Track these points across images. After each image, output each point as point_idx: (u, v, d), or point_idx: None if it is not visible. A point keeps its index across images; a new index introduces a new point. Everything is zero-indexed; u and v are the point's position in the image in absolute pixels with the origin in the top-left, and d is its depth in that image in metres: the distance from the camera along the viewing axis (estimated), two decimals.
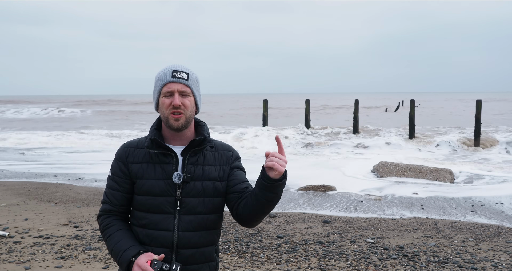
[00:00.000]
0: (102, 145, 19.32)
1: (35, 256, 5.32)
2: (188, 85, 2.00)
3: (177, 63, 2.03)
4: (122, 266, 1.91)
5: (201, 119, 2.15)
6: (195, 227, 1.99)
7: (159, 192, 1.96)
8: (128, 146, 2.08)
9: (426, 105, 58.72)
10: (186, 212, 1.98)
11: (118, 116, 43.42)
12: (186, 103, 1.98)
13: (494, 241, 6.20)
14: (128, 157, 2.04)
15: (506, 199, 9.20)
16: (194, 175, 1.99)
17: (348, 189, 10.18)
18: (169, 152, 1.99)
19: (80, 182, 10.78)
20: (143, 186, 1.98)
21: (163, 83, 1.98)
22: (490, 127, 26.08)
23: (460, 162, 14.51)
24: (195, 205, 1.99)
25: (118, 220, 2.05)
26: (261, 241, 6.07)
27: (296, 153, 17.02)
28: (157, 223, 1.96)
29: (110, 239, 1.99)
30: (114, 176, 2.05)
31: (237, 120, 36.32)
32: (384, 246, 5.91)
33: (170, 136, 2.04)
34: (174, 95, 1.96)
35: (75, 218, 7.21)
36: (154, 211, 1.97)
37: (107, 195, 2.06)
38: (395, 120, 27.19)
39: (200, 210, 2.00)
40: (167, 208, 1.96)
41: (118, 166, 2.05)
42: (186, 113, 1.98)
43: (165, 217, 1.96)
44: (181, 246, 1.96)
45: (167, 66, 2.02)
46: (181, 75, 1.98)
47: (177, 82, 1.97)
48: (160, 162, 1.99)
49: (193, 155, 2.02)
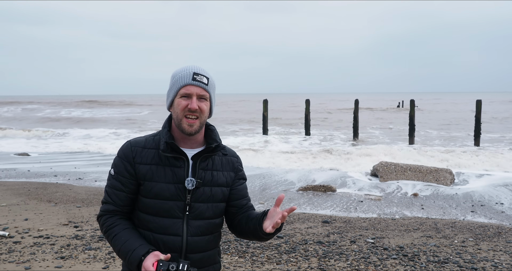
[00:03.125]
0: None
1: (35, 256, 5.32)
2: (207, 90, 1.96)
3: (196, 65, 1.99)
4: (132, 265, 1.85)
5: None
6: (203, 231, 1.99)
7: (169, 196, 1.93)
8: (135, 145, 2.00)
9: (424, 107, 58.69)
10: (195, 217, 1.97)
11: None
12: (203, 107, 1.95)
13: (494, 241, 6.20)
14: (135, 157, 1.96)
15: (506, 199, 9.20)
16: (204, 181, 1.98)
17: (348, 189, 10.19)
18: (181, 156, 1.96)
19: (80, 182, 10.78)
20: (153, 189, 1.93)
21: (182, 84, 1.94)
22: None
23: (460, 162, 14.49)
24: (204, 210, 1.98)
25: (122, 219, 1.99)
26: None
27: (295, 152, 17.01)
28: (166, 228, 1.93)
29: (117, 238, 1.93)
30: (119, 175, 1.97)
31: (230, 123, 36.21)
32: (384, 246, 5.91)
33: (181, 138, 2.00)
34: (192, 98, 1.93)
35: (75, 218, 7.21)
36: (162, 215, 1.94)
37: (110, 195, 1.99)
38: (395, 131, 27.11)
39: (208, 215, 2.00)
40: (176, 213, 1.94)
41: (123, 165, 1.97)
42: (201, 118, 1.96)
43: (174, 222, 1.94)
44: (189, 251, 1.96)
45: (187, 66, 1.98)
46: (202, 79, 1.95)
47: (196, 86, 1.94)
48: (170, 165, 1.95)
49: (204, 160, 2.00)
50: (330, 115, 43.05)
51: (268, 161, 14.52)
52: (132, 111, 53.20)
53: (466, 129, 26.34)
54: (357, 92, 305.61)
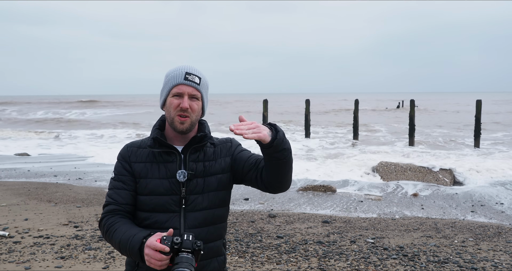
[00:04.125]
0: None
1: (35, 256, 5.32)
2: (199, 90, 1.99)
3: (189, 65, 2.02)
4: (133, 250, 1.80)
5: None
6: (201, 222, 1.99)
7: (163, 191, 1.96)
8: (130, 146, 2.07)
9: (424, 107, 58.67)
10: (191, 209, 1.97)
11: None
12: (194, 107, 1.98)
13: (494, 241, 6.20)
14: (130, 156, 2.03)
15: (506, 199, 9.21)
16: (196, 172, 1.99)
17: (348, 189, 10.19)
18: (172, 150, 1.99)
19: (80, 182, 10.78)
20: (147, 186, 1.96)
21: (174, 84, 1.97)
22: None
23: (460, 162, 14.50)
24: (200, 201, 1.99)
25: (123, 218, 1.96)
26: (261, 241, 6.07)
27: (294, 152, 17.02)
28: (163, 222, 1.94)
29: (117, 232, 1.89)
30: (119, 175, 2.01)
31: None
32: (384, 246, 5.91)
33: (174, 137, 2.04)
34: (183, 97, 1.96)
35: (75, 218, 7.21)
36: (158, 210, 1.95)
37: (111, 196, 1.99)
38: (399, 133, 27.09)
39: (205, 205, 2.00)
40: (172, 207, 1.95)
41: (122, 166, 2.03)
42: (192, 117, 1.98)
43: (171, 216, 1.95)
44: None
45: (180, 66, 2.01)
46: (194, 79, 1.97)
47: (188, 85, 1.96)
48: (163, 161, 1.99)
49: (194, 152, 2.02)
50: (330, 115, 43.05)
51: None
52: (130, 111, 53.18)
53: (466, 129, 26.34)
54: (357, 92, 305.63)
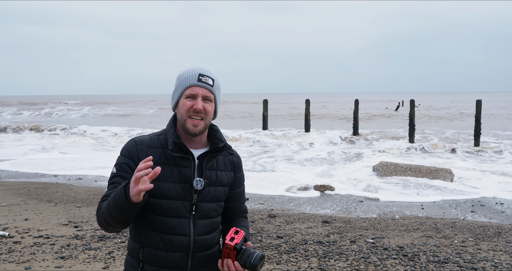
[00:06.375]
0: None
1: (35, 256, 5.32)
2: (212, 92, 1.98)
3: (202, 67, 2.00)
4: (120, 197, 1.71)
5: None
6: (208, 230, 2.00)
7: (176, 195, 1.93)
8: (140, 143, 1.98)
9: (424, 106, 58.64)
10: (201, 216, 1.97)
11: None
12: (208, 108, 1.96)
13: (494, 241, 6.20)
14: (139, 154, 1.94)
15: (506, 199, 9.20)
16: (210, 180, 1.99)
17: (348, 189, 10.18)
18: (188, 156, 1.96)
19: (80, 182, 10.78)
20: (160, 189, 1.90)
21: (187, 85, 1.95)
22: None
23: (460, 162, 14.50)
24: (209, 209, 2.00)
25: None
26: (261, 241, 6.07)
27: (295, 152, 17.04)
28: (173, 228, 1.93)
29: (107, 202, 1.80)
30: (121, 171, 1.93)
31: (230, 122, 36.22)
32: (384, 246, 5.91)
33: (185, 138, 2.01)
34: (197, 99, 1.94)
35: (75, 218, 7.21)
36: (169, 215, 1.93)
37: (109, 190, 1.90)
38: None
39: (212, 214, 2.02)
40: (183, 212, 1.94)
41: (127, 164, 1.94)
42: (206, 119, 1.97)
43: (181, 222, 1.94)
44: (197, 250, 1.97)
45: (193, 68, 1.99)
46: (207, 81, 1.96)
47: (202, 87, 1.95)
48: (177, 165, 1.95)
49: (210, 160, 2.01)
50: (330, 115, 43.04)
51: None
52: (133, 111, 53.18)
53: (467, 129, 26.33)
54: (357, 92, 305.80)
